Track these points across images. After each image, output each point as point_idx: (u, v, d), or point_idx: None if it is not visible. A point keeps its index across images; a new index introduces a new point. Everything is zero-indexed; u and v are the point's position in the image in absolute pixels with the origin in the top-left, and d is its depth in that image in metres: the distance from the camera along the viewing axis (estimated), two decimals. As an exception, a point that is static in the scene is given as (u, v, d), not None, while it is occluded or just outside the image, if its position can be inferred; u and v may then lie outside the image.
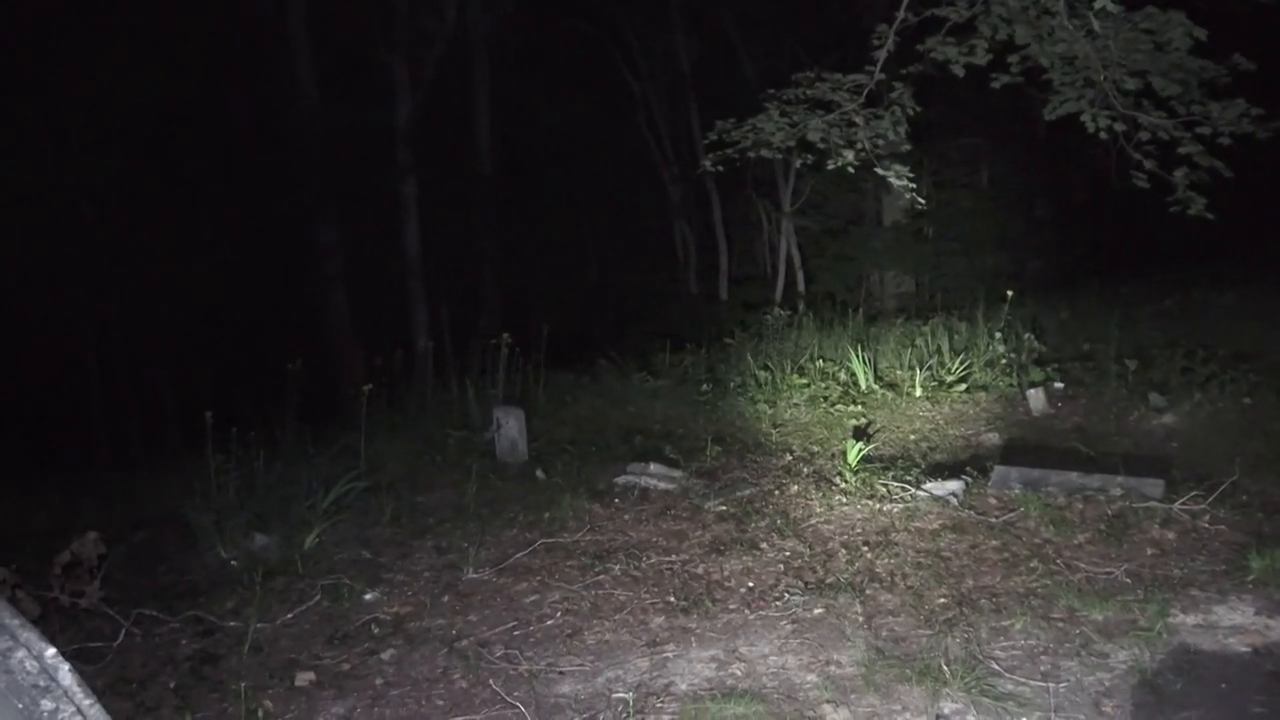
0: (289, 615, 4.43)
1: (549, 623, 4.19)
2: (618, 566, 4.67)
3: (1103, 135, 6.20)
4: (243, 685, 3.72)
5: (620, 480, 5.86)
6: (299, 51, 13.27)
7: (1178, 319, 8.07)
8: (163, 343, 15.07)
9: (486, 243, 15.67)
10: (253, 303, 14.89)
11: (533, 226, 16.93)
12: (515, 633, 4.12)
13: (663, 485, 5.73)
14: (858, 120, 6.51)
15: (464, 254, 15.64)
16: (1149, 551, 4.32)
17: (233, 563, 5.08)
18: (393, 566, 4.97)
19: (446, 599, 4.53)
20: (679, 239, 17.27)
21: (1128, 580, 4.09)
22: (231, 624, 4.35)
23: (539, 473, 6.09)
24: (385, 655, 4.00)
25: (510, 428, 6.40)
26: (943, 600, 4.06)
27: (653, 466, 5.92)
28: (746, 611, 4.14)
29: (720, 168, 6.69)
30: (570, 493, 5.64)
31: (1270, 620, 3.68)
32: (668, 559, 4.74)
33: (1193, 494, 4.72)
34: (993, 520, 4.78)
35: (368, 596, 4.58)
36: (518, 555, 4.91)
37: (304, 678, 3.82)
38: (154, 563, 5.23)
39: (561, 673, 3.74)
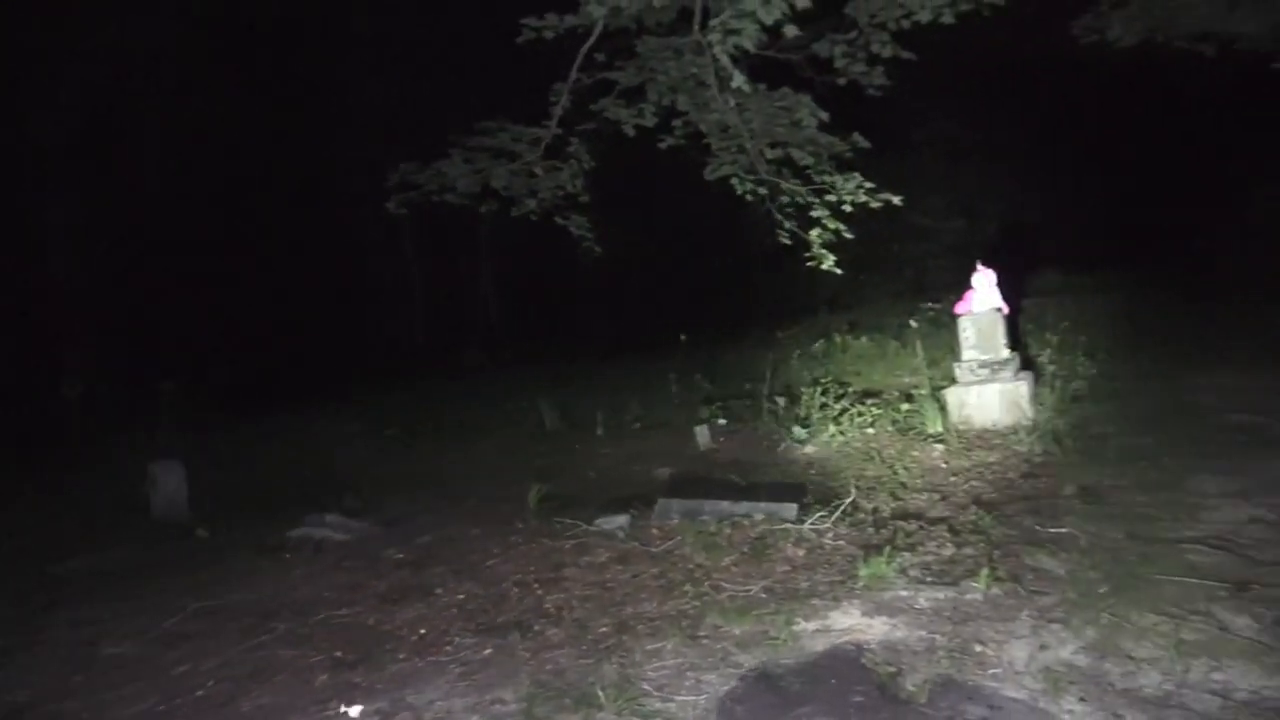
0: None
1: (199, 694, 3.91)
2: (283, 625, 4.47)
3: (749, 198, 7.01)
4: None
5: (294, 533, 5.61)
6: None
7: (821, 361, 9.20)
8: None
9: (158, 275, 14.30)
10: None
11: (217, 260, 15.70)
12: (159, 709, 3.80)
13: (340, 536, 5.57)
14: (538, 171, 6.83)
15: (134, 288, 14.14)
16: (782, 569, 4.87)
17: None
18: (14, 647, 4.39)
19: (79, 678, 4.08)
20: (376, 279, 16.86)
21: (764, 595, 4.57)
22: None
23: (200, 530, 5.68)
24: (-6, 752, 3.53)
25: (167, 483, 5.91)
26: (604, 629, 4.31)
27: (329, 517, 5.74)
28: (416, 659, 4.12)
29: (404, 210, 6.69)
30: (236, 550, 5.32)
31: (872, 620, 4.28)
32: (338, 612, 4.61)
33: (819, 514, 5.38)
34: (654, 550, 5.15)
35: (-24, 686, 4.01)
36: (168, 623, 4.54)
37: (-119, 791, 3.27)
38: None
39: (209, 746, 3.52)
